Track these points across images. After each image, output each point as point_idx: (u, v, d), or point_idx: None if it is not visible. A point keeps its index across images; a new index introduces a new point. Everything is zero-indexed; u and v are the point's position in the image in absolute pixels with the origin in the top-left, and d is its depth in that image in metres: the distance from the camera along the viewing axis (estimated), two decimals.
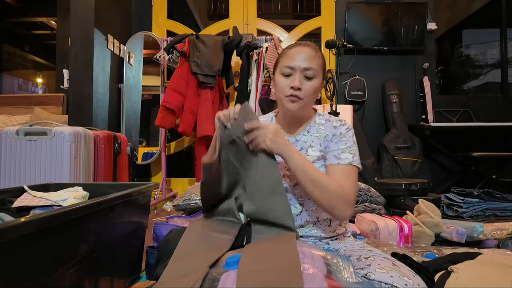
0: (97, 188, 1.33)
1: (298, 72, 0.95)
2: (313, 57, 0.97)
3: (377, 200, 2.05)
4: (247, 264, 0.66)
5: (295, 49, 0.98)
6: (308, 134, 1.02)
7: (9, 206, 1.10)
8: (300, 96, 0.95)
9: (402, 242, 1.58)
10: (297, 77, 0.95)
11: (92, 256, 0.85)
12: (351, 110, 3.05)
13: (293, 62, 0.96)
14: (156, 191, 3.02)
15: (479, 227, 1.56)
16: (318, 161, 0.98)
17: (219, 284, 0.63)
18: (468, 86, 4.53)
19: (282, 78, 0.97)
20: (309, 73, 0.95)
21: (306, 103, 0.97)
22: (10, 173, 1.83)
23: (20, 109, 3.14)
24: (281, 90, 0.97)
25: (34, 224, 0.61)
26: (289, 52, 0.99)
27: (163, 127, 2.94)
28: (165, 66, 3.29)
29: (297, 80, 0.94)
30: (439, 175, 3.41)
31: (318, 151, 0.99)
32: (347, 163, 0.93)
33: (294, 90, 0.94)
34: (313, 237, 0.99)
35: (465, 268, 0.86)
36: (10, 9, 4.37)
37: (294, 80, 0.95)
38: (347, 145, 0.96)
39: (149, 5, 3.53)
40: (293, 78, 0.96)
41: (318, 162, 0.98)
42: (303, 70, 0.95)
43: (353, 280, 0.69)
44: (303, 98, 0.95)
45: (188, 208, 1.83)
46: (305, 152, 1.00)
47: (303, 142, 1.02)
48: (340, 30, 3.46)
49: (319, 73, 0.97)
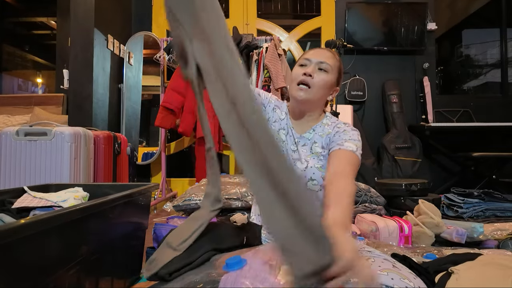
0: (97, 188, 1.33)
1: (313, 63, 1.01)
2: (330, 57, 1.03)
3: (377, 201, 2.05)
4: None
5: (316, 49, 1.06)
6: (313, 133, 1.06)
7: (9, 207, 1.10)
8: (310, 83, 0.99)
9: (402, 242, 1.57)
10: (312, 66, 1.00)
11: (92, 257, 0.85)
12: (351, 110, 3.06)
13: (312, 56, 1.02)
14: (156, 191, 3.02)
15: (479, 228, 1.55)
16: (320, 157, 1.01)
17: (219, 285, 0.63)
18: (468, 86, 4.53)
19: (297, 67, 1.03)
20: (323, 65, 1.00)
21: (314, 94, 1.00)
22: (10, 174, 1.83)
23: (20, 109, 3.14)
24: (294, 78, 1.02)
25: (34, 226, 0.61)
26: (310, 50, 1.07)
27: (163, 127, 2.94)
28: (165, 66, 3.29)
29: (310, 68, 1.00)
30: (439, 175, 3.41)
31: (320, 147, 1.03)
32: (350, 150, 0.94)
33: (306, 76, 0.99)
34: None
35: (465, 269, 0.86)
36: (10, 9, 4.37)
37: (308, 68, 1.00)
38: (351, 138, 0.98)
39: (149, 5, 3.53)
40: (307, 67, 1.01)
41: (320, 158, 1.01)
42: (318, 63, 1.01)
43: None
44: (312, 88, 0.99)
45: (188, 209, 1.83)
46: (309, 148, 1.04)
47: (307, 139, 1.06)
48: (340, 30, 3.46)
49: (333, 70, 1.02)
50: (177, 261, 0.76)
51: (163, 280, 0.73)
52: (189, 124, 2.82)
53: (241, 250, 0.84)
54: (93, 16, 2.79)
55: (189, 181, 3.46)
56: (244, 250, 0.82)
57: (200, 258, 0.78)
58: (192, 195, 1.84)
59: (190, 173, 3.54)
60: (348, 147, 0.95)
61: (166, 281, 0.73)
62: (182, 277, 0.73)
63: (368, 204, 1.97)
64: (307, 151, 1.04)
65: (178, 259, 0.77)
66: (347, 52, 3.35)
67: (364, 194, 1.99)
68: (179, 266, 0.76)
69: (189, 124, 2.81)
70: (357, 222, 1.79)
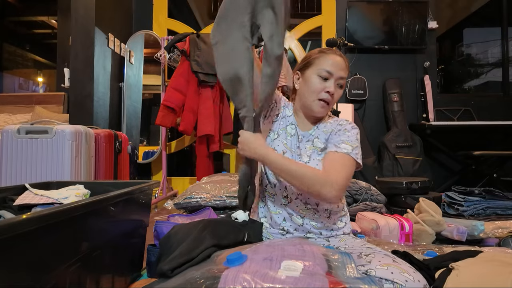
0: (98, 186, 1.33)
1: (334, 79, 1.01)
2: (346, 69, 1.04)
3: (377, 199, 2.05)
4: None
5: (334, 56, 1.03)
6: (317, 129, 1.09)
7: (10, 204, 1.11)
8: (330, 102, 1.02)
9: (403, 240, 1.57)
10: (333, 83, 1.01)
11: (93, 254, 0.86)
12: (352, 109, 3.06)
13: (333, 69, 1.01)
14: (157, 189, 3.03)
15: (480, 226, 1.55)
16: (322, 152, 1.03)
17: (220, 281, 0.63)
18: (469, 85, 4.53)
19: (318, 79, 1.02)
20: (342, 82, 1.02)
21: (330, 108, 1.04)
22: (12, 171, 1.84)
23: (21, 108, 3.14)
24: (315, 91, 1.02)
25: (35, 222, 0.61)
26: (330, 58, 1.03)
27: (164, 126, 2.94)
28: (166, 65, 3.29)
29: (333, 87, 1.01)
30: (440, 174, 3.40)
31: (322, 143, 1.04)
32: (345, 152, 0.96)
33: (330, 95, 1.00)
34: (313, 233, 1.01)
35: (466, 265, 0.86)
36: (11, 8, 4.37)
37: (331, 86, 1.00)
38: (348, 138, 0.99)
39: (150, 4, 3.53)
40: (329, 83, 1.01)
41: (322, 153, 1.03)
42: (338, 79, 1.02)
43: (355, 275, 0.69)
44: (330, 104, 1.03)
45: (189, 207, 1.83)
46: (312, 143, 1.05)
47: (310, 135, 1.08)
48: (341, 28, 3.45)
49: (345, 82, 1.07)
50: (178, 257, 0.77)
51: (165, 276, 0.74)
52: (190, 123, 2.82)
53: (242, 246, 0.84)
54: (93, 15, 2.79)
55: (189, 179, 3.46)
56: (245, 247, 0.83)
57: (201, 254, 0.79)
58: (193, 193, 1.84)
59: (191, 172, 3.54)
60: (343, 149, 0.96)
61: (168, 277, 0.74)
62: (183, 273, 0.73)
63: (368, 202, 1.97)
64: (310, 146, 1.06)
65: (179, 255, 0.77)
66: (348, 51, 3.35)
67: (365, 192, 1.99)
68: (181, 262, 0.76)
69: (189, 122, 2.81)
70: (357, 220, 1.79)
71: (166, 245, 0.83)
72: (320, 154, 1.03)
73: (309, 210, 1.01)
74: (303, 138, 1.08)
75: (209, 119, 2.80)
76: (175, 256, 0.75)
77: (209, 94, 2.85)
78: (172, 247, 0.76)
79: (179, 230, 0.86)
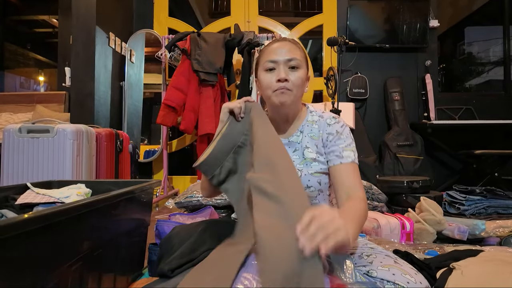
0: (100, 185, 1.33)
1: (281, 64, 0.92)
2: (295, 49, 0.94)
3: (378, 198, 2.05)
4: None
5: (275, 45, 0.95)
6: (301, 135, 0.99)
7: (12, 203, 1.11)
8: (289, 87, 0.91)
9: (404, 239, 1.58)
10: (282, 69, 0.91)
11: (94, 253, 0.86)
12: (353, 108, 3.05)
13: (275, 56, 0.92)
14: (158, 188, 3.03)
15: (481, 225, 1.55)
16: (314, 162, 0.96)
17: None
18: (471, 83, 4.51)
19: (266, 74, 0.93)
20: (293, 63, 0.92)
21: (295, 95, 0.93)
22: (13, 171, 1.84)
23: (22, 107, 3.15)
24: (268, 87, 0.93)
25: (37, 221, 0.61)
26: (269, 48, 0.96)
27: (165, 125, 2.95)
28: (167, 64, 3.29)
29: (283, 72, 0.91)
30: (441, 173, 3.40)
31: (314, 152, 0.96)
32: (350, 161, 0.91)
33: (282, 82, 0.90)
34: None
35: (467, 265, 0.86)
36: (12, 7, 4.37)
37: (280, 73, 0.91)
38: (346, 143, 0.94)
39: (151, 3, 3.53)
40: (277, 71, 0.92)
41: (314, 164, 0.96)
42: (286, 62, 0.92)
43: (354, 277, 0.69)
44: (292, 90, 0.92)
45: (190, 206, 1.84)
46: (301, 154, 0.97)
47: (297, 143, 0.99)
48: (342, 27, 3.45)
49: (303, 63, 0.94)
50: (179, 258, 0.77)
51: (165, 276, 0.74)
52: (191, 122, 2.82)
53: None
54: (94, 14, 2.79)
55: (190, 178, 3.47)
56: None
57: (202, 255, 0.79)
58: (194, 192, 1.85)
59: (192, 171, 3.54)
60: (348, 157, 0.91)
61: (168, 277, 0.74)
62: (183, 274, 0.73)
63: (369, 201, 1.97)
64: (299, 158, 0.98)
65: (180, 256, 0.77)
66: (348, 50, 3.34)
67: (366, 191, 1.99)
68: (181, 263, 0.76)
69: (190, 121, 2.81)
70: None
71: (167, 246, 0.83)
72: (311, 166, 0.95)
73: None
74: (289, 148, 0.99)
75: (210, 118, 2.80)
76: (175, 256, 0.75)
77: (210, 93, 2.85)
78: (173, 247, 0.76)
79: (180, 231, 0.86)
